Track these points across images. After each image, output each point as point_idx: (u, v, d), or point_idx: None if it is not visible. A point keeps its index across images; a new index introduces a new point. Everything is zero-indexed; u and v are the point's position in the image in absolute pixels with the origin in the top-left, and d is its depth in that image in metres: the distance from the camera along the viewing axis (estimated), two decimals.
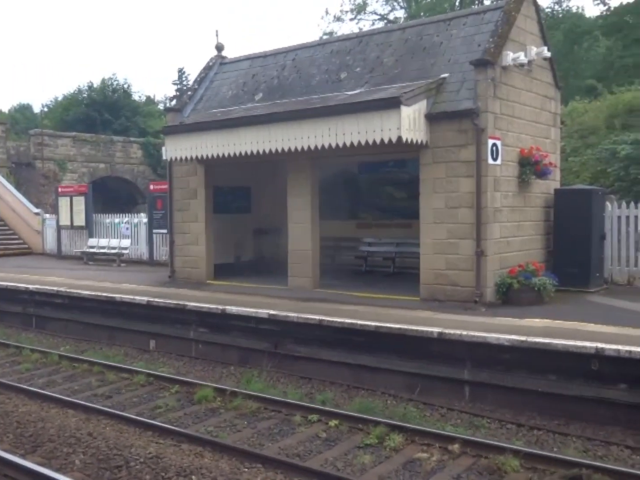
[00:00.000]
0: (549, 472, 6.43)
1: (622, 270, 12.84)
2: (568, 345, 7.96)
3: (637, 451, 7.08)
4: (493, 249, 10.91)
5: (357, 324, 9.66)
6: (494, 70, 10.72)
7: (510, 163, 11.36)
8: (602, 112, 20.83)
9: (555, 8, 39.67)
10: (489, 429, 7.90)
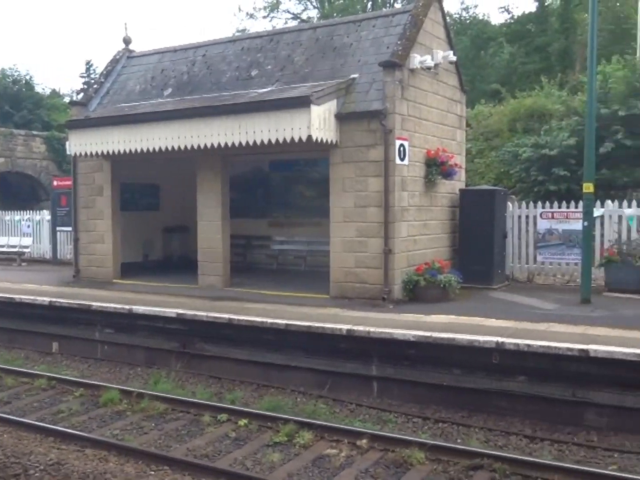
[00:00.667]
0: (452, 462, 6.63)
1: (522, 267, 13.43)
2: (471, 340, 8.24)
3: (534, 440, 7.42)
4: (400, 247, 11.16)
5: (267, 322, 9.65)
6: (402, 73, 10.96)
7: (417, 163, 11.66)
8: (506, 115, 21.66)
9: (462, 14, 40.98)
10: (396, 423, 8.08)
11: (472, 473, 6.40)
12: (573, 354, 7.63)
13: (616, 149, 16.26)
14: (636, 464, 6.72)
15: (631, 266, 11.46)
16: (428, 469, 6.53)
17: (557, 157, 16.80)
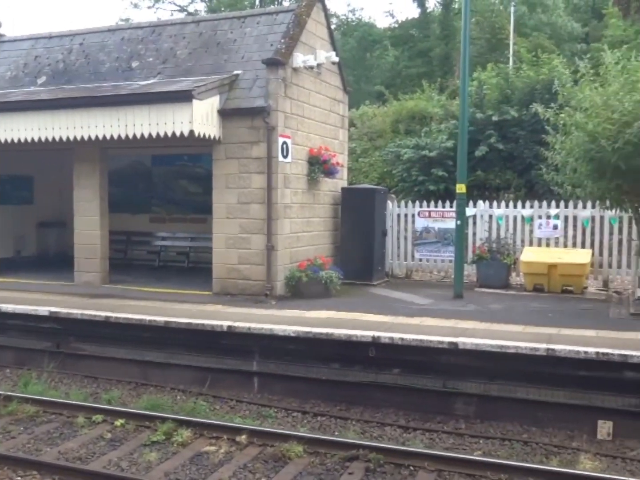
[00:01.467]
0: (329, 455, 6.76)
1: (401, 264, 13.91)
2: (349, 334, 8.45)
3: (407, 430, 7.72)
4: (283, 243, 11.26)
5: (146, 319, 9.46)
6: (285, 71, 11.04)
7: (300, 161, 11.80)
8: (389, 117, 22.27)
9: (349, 16, 41.79)
10: (276, 418, 8.16)
11: (348, 464, 6.56)
12: (443, 347, 8.01)
13: (490, 152, 17.16)
14: (499, 449, 7.15)
15: (500, 263, 12.15)
16: (306, 462, 6.64)
17: (436, 158, 17.51)
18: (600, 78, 9.62)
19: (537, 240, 12.64)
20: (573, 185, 10.29)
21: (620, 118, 8.90)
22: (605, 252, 12.19)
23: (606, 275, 12.27)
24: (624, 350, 7.41)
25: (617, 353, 7.34)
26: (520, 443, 7.27)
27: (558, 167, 10.26)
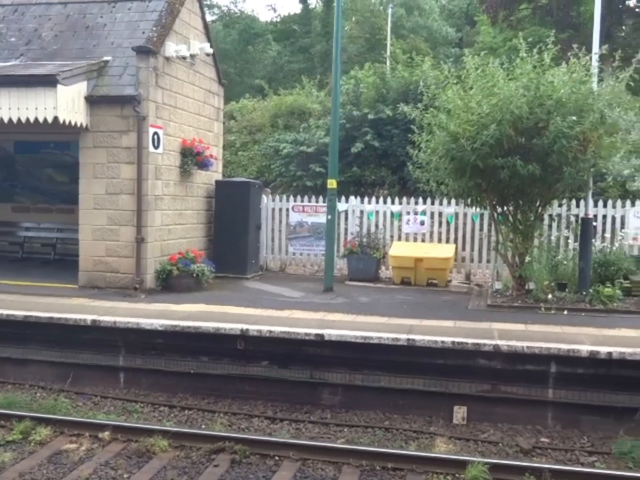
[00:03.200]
0: (195, 448, 6.77)
1: (275, 257, 14.03)
2: (217, 327, 8.43)
3: (275, 421, 7.83)
4: (154, 236, 11.03)
5: (3, 314, 8.99)
6: (157, 60, 10.80)
7: (173, 152, 11.60)
8: (268, 111, 22.31)
9: (231, 8, 41.39)
10: (142, 413, 8.03)
11: (215, 456, 6.58)
12: (310, 338, 8.17)
13: (366, 149, 17.60)
14: (362, 436, 7.40)
15: (370, 257, 12.53)
16: (171, 456, 6.60)
17: (314, 154, 17.75)
18: (462, 82, 10.13)
19: (405, 235, 13.15)
20: (437, 182, 10.77)
21: (479, 120, 9.42)
22: (468, 247, 12.87)
23: (468, 269, 12.98)
24: (477, 339, 7.86)
25: (471, 342, 7.78)
26: (382, 430, 7.56)
27: (423, 165, 10.70)
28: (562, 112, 9.19)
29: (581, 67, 9.60)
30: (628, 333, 8.34)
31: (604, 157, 10.07)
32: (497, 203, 10.69)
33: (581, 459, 6.90)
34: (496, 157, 9.39)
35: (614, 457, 6.88)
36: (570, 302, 10.00)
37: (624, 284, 10.22)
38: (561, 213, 12.20)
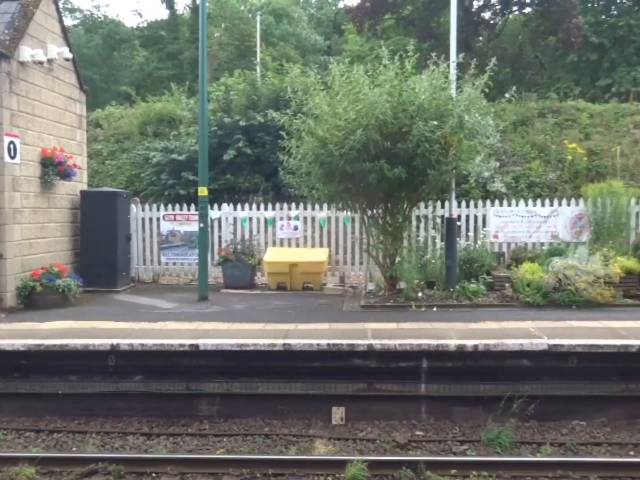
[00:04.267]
0: (65, 473, 6.42)
1: (147, 268, 13.63)
2: (86, 344, 8.05)
3: (151, 437, 7.58)
4: (14, 251, 10.39)
5: None
6: (10, 65, 10.19)
7: (32, 163, 10.97)
8: (137, 118, 21.67)
9: (94, 12, 39.99)
10: (5, 441, 7.51)
11: None
12: (185, 349, 7.99)
13: (238, 156, 17.47)
14: (241, 445, 7.32)
15: (244, 264, 12.46)
16: None
17: (186, 161, 17.38)
18: (329, 88, 10.31)
19: (279, 240, 13.20)
20: (309, 187, 10.89)
21: (346, 125, 9.62)
22: (341, 250, 13.12)
23: (342, 272, 13.22)
24: (352, 340, 8.01)
25: (346, 343, 7.91)
26: (262, 437, 7.51)
27: (294, 170, 10.78)
28: (424, 117, 9.56)
29: (440, 75, 10.03)
30: (492, 325, 8.80)
31: (464, 160, 10.58)
32: (366, 206, 10.96)
33: (454, 449, 7.19)
34: (364, 161, 9.62)
35: (483, 444, 7.22)
36: (439, 299, 10.43)
37: (487, 279, 10.79)
38: (428, 214, 12.71)
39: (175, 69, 34.06)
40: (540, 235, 12.35)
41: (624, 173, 14.74)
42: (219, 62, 32.05)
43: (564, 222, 12.28)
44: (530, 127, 16.85)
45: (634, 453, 7.04)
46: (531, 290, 10.15)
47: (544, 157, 15.57)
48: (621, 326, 8.59)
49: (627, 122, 16.96)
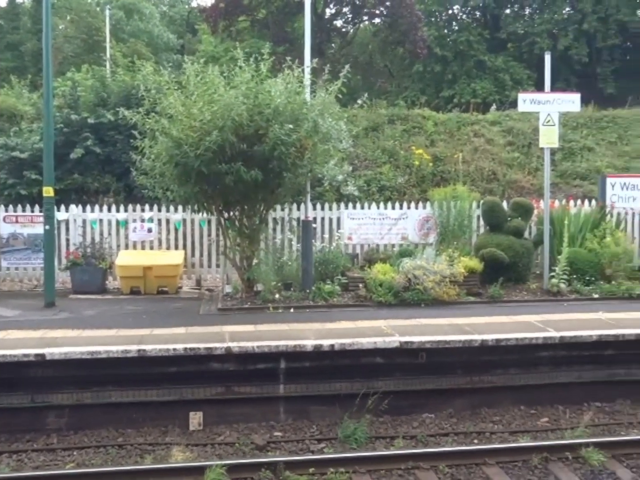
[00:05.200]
0: None
1: None
2: None
3: None
4: None
5: None
6: None
7: None
8: None
9: None
10: None
11: None
12: (30, 359, 7.50)
13: (87, 155, 16.66)
14: (93, 457, 7.00)
15: (95, 268, 11.92)
16: None
17: (29, 160, 16.30)
18: (184, 88, 10.12)
19: (133, 243, 12.77)
20: (163, 189, 10.63)
21: (202, 126, 9.50)
22: (197, 253, 12.92)
23: (199, 275, 13.01)
24: (209, 343, 7.91)
25: (204, 347, 7.81)
26: (116, 447, 7.23)
27: (148, 171, 10.48)
28: (280, 120, 9.65)
29: (295, 79, 10.17)
30: (347, 325, 9.04)
31: (319, 163, 10.81)
32: (223, 208, 10.88)
33: (311, 447, 7.31)
34: (220, 163, 9.54)
35: (340, 441, 7.40)
36: (296, 300, 10.56)
37: (342, 280, 11.08)
38: (284, 216, 12.83)
39: (15, 61, 31.93)
40: (391, 237, 12.87)
41: (466, 178, 15.70)
42: (64, 55, 30.46)
43: (412, 224, 12.88)
44: (381, 133, 17.51)
45: (478, 441, 7.52)
46: (383, 290, 10.53)
47: (394, 162, 16.24)
48: (465, 322, 9.14)
49: (468, 131, 18.08)
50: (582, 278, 11.38)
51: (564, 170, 16.85)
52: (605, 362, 8.62)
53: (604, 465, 6.72)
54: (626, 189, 12.92)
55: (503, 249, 11.43)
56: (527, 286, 11.59)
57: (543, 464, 6.77)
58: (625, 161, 17.30)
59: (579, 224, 12.28)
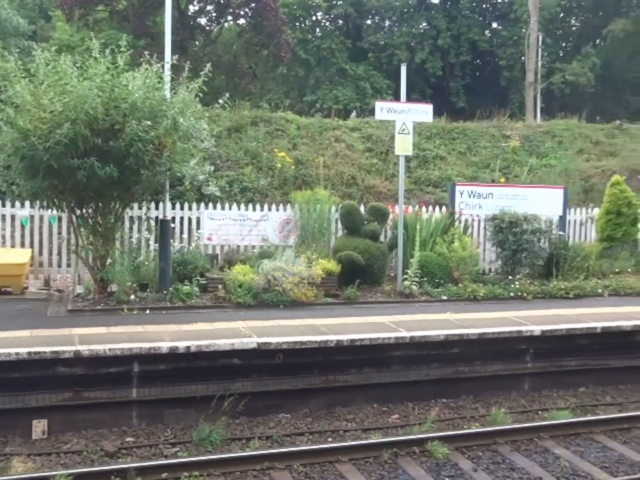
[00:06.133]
0: None
1: None
2: None
3: None
4: None
5: None
6: None
7: None
8: None
9: None
10: None
11: None
12: None
13: None
14: None
15: None
16: None
17: None
18: (33, 76, 9.54)
19: None
20: (8, 182, 9.97)
21: (52, 118, 9.00)
22: (46, 252, 12.20)
23: (47, 274, 12.29)
24: (56, 346, 7.50)
25: (50, 350, 7.38)
26: None
27: None
28: (138, 116, 9.34)
29: (154, 74, 9.90)
30: (204, 327, 8.91)
31: (178, 162, 10.57)
32: (75, 205, 10.36)
33: (165, 452, 7.14)
34: (72, 157, 9.08)
35: (195, 444, 7.29)
36: (152, 302, 10.26)
37: (201, 281, 10.91)
38: (142, 215, 12.44)
39: None
40: (252, 238, 12.84)
41: (327, 182, 16.02)
42: None
43: (273, 226, 12.93)
44: (244, 134, 17.46)
45: (332, 439, 7.68)
46: (243, 291, 10.50)
47: (256, 164, 16.25)
48: (322, 323, 9.31)
49: (329, 136, 18.47)
50: (432, 280, 11.96)
51: (419, 177, 17.65)
52: (451, 360, 9.11)
53: (448, 458, 7.09)
54: (473, 197, 13.71)
55: (360, 252, 11.76)
56: (382, 288, 11.99)
57: (393, 459, 7.03)
58: (474, 171, 18.42)
59: (430, 229, 12.90)
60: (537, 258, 12.75)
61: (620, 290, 12.47)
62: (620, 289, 12.49)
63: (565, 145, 20.69)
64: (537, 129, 21.67)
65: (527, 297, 11.81)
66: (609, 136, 21.80)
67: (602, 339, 9.78)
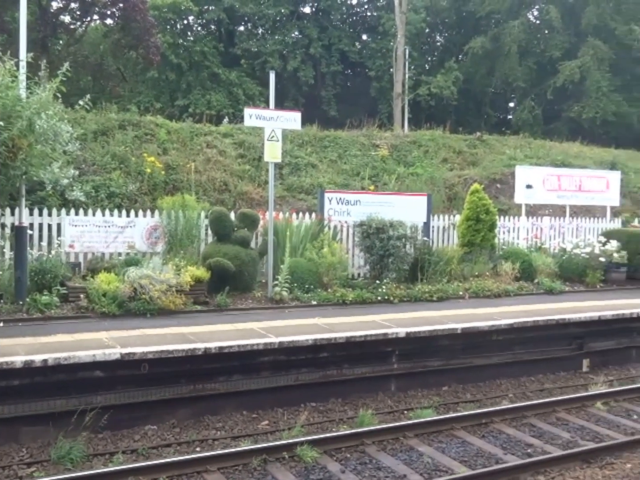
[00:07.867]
0: None
1: None
2: None
3: None
4: None
5: None
6: None
7: None
8: None
9: None
10: None
11: None
12: None
13: None
14: None
15: None
16: None
17: None
18: None
19: None
20: None
21: None
22: None
23: None
24: None
25: None
26: None
27: None
28: None
29: (7, 72, 9.34)
30: (64, 338, 8.50)
31: (35, 165, 10.02)
32: None
33: (20, 473, 6.75)
34: None
35: (53, 463, 6.93)
36: (7, 313, 9.69)
37: (62, 291, 10.40)
38: None
39: None
40: (118, 245, 12.41)
41: (198, 188, 15.77)
42: None
43: (140, 232, 12.57)
44: (111, 138, 16.84)
45: (200, 449, 7.55)
46: (107, 301, 10.12)
47: (125, 169, 15.71)
48: (190, 331, 9.14)
49: (201, 141, 18.21)
50: (303, 286, 12.08)
51: (291, 184, 17.77)
52: (320, 364, 9.24)
53: (317, 461, 7.16)
54: (342, 204, 14.01)
55: (230, 258, 11.67)
56: (253, 294, 11.97)
57: (262, 466, 7.01)
58: (345, 178, 18.81)
59: (300, 236, 13.03)
60: (403, 263, 13.22)
61: (479, 293, 13.17)
62: (480, 292, 13.20)
63: (430, 154, 21.63)
64: (404, 139, 22.50)
65: (394, 300, 12.20)
66: (470, 147, 23.05)
67: (463, 339, 10.27)
